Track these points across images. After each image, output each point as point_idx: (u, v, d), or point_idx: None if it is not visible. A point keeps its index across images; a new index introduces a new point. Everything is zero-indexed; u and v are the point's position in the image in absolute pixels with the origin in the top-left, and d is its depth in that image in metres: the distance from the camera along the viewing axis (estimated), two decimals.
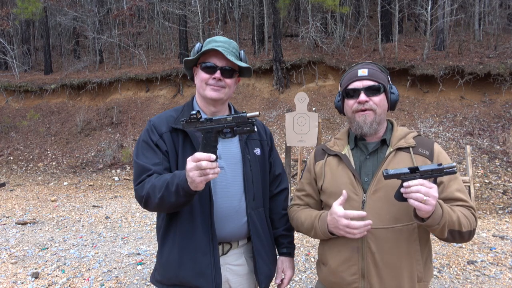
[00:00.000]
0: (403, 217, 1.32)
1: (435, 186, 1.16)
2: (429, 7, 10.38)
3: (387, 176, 1.19)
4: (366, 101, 1.38)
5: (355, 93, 1.40)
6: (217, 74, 1.48)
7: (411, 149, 1.38)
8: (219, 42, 1.50)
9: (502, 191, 6.43)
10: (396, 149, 1.39)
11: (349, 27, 13.73)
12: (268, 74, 11.61)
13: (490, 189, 6.57)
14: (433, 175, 1.17)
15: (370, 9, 14.55)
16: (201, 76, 1.51)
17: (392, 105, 1.46)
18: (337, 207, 1.32)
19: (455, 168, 1.17)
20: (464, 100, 9.32)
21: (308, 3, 12.13)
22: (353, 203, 1.36)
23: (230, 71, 1.51)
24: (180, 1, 13.77)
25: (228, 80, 1.51)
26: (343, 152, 1.46)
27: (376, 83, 1.39)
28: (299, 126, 5.40)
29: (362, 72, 1.41)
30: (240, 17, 15.82)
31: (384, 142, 1.43)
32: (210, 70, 1.48)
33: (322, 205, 1.55)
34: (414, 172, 1.18)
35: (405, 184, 1.16)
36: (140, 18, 18.27)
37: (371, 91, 1.39)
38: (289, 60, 11.26)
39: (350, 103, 1.43)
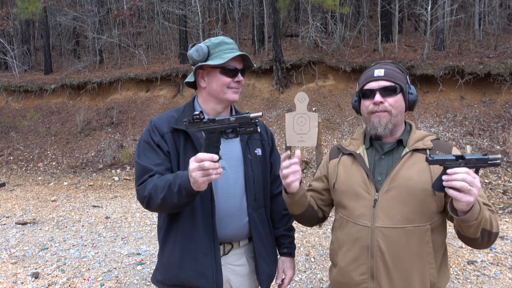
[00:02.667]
0: (415, 218, 1.29)
1: (478, 177, 1.11)
2: (429, 7, 10.38)
3: (432, 161, 1.14)
4: (381, 102, 1.36)
5: (371, 93, 1.39)
6: (240, 77, 1.51)
7: (427, 151, 1.36)
8: (231, 44, 1.52)
9: (502, 191, 6.43)
10: (412, 150, 1.37)
11: (349, 27, 13.73)
12: (268, 74, 11.61)
13: (490, 189, 6.57)
14: (477, 165, 1.12)
15: (370, 9, 14.54)
16: (222, 80, 1.49)
17: (410, 106, 1.43)
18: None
19: (499, 160, 1.11)
20: (464, 100, 9.32)
21: (308, 3, 12.13)
22: (365, 202, 1.36)
23: (243, 72, 1.56)
24: (180, 1, 13.76)
25: (243, 81, 1.54)
26: (358, 152, 1.45)
27: (392, 84, 1.37)
28: (299, 126, 5.40)
29: (379, 72, 1.39)
30: (240, 17, 15.81)
31: (400, 143, 1.41)
32: (232, 73, 1.49)
33: (334, 205, 1.54)
34: (459, 160, 1.12)
35: (449, 171, 1.10)
36: (140, 18, 18.26)
37: (387, 91, 1.37)
38: (289, 60, 11.26)
39: (366, 104, 1.42)
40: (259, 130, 1.27)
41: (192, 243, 1.45)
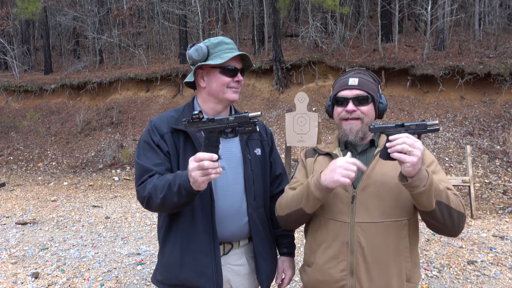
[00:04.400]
0: (392, 213, 1.34)
1: (419, 141, 1.18)
2: (429, 7, 10.39)
3: (374, 129, 1.24)
4: (354, 111, 1.42)
5: (344, 101, 1.45)
6: (239, 76, 1.52)
7: None
8: (231, 44, 1.53)
9: (502, 191, 6.43)
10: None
11: (349, 27, 13.74)
12: (268, 74, 11.61)
13: (490, 189, 6.57)
14: (417, 130, 1.21)
15: (370, 9, 14.54)
16: (221, 79, 1.50)
17: (379, 114, 1.50)
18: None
19: (438, 126, 1.21)
20: (464, 100, 9.32)
21: (308, 3, 12.13)
22: (343, 198, 1.39)
23: (243, 71, 1.56)
24: (180, 1, 13.76)
25: (243, 81, 1.55)
26: (334, 152, 1.50)
27: (365, 93, 1.43)
28: (299, 126, 5.40)
29: (353, 81, 1.45)
30: (240, 17, 15.82)
31: (373, 144, 1.48)
32: (232, 73, 1.50)
33: None
34: (400, 127, 1.22)
35: (391, 137, 1.18)
36: (140, 18, 18.26)
37: (360, 100, 1.43)
38: (289, 60, 11.26)
39: (338, 110, 1.48)
40: (258, 129, 1.27)
41: (192, 243, 1.45)
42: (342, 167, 1.24)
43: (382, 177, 1.36)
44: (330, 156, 1.49)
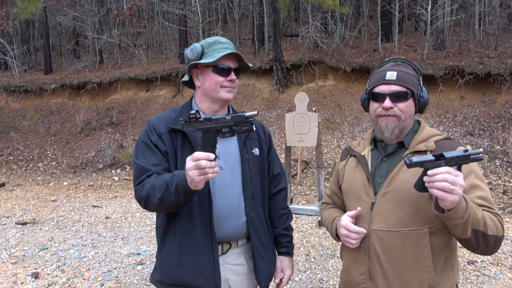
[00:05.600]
0: (411, 222, 1.28)
1: (461, 174, 1.07)
2: (429, 7, 10.38)
3: (410, 164, 1.10)
4: (391, 107, 1.33)
5: (381, 97, 1.35)
6: (233, 76, 1.51)
7: (428, 153, 1.31)
8: (226, 43, 1.52)
9: (502, 191, 6.43)
10: (412, 152, 1.34)
11: (349, 27, 13.73)
12: (268, 74, 11.61)
13: (490, 189, 6.57)
14: (459, 162, 1.08)
15: (370, 9, 14.54)
16: (215, 79, 1.50)
17: (420, 109, 1.40)
18: (344, 216, 1.39)
19: (482, 155, 1.07)
20: (464, 100, 9.32)
21: (308, 3, 12.13)
22: (363, 205, 1.37)
23: (239, 71, 1.56)
24: (180, 1, 13.76)
25: (237, 81, 1.54)
26: (362, 153, 1.45)
27: (404, 89, 1.33)
28: (299, 126, 5.40)
29: (391, 75, 1.34)
30: (240, 17, 15.82)
31: (402, 145, 1.38)
32: (225, 72, 1.50)
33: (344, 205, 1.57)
34: (439, 159, 1.08)
35: (429, 172, 1.07)
36: (140, 18, 18.26)
37: (398, 97, 1.32)
38: (289, 60, 11.26)
39: (374, 106, 1.38)
40: (254, 129, 1.28)
41: (190, 243, 1.45)
42: (344, 236, 1.38)
43: (403, 184, 1.28)
44: (357, 158, 1.46)
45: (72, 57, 17.10)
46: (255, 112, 1.27)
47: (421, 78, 1.41)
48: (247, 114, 1.27)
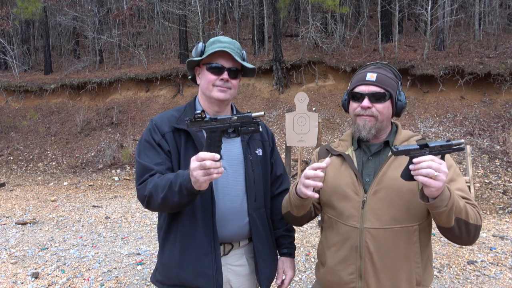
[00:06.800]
0: (403, 219, 1.31)
1: (444, 162, 1.13)
2: (429, 7, 10.38)
3: (397, 152, 1.17)
4: (369, 107, 1.37)
5: (360, 97, 1.39)
6: (225, 75, 1.48)
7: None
8: (225, 42, 1.50)
9: (502, 191, 6.43)
10: None
11: (349, 27, 13.73)
12: (268, 74, 11.61)
13: (490, 189, 6.57)
14: (442, 151, 1.16)
15: (370, 9, 14.54)
16: (207, 77, 1.50)
17: (397, 112, 1.43)
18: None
19: (463, 145, 1.15)
20: (464, 100, 9.32)
21: (308, 3, 12.12)
22: (354, 203, 1.37)
23: (236, 71, 1.52)
24: (180, 1, 13.76)
25: (233, 81, 1.51)
26: (346, 153, 1.46)
27: (382, 90, 1.37)
28: (299, 126, 5.40)
29: (371, 76, 1.38)
30: (240, 17, 15.81)
31: (387, 144, 1.42)
32: (217, 71, 1.48)
33: (322, 204, 1.53)
34: (424, 148, 1.15)
35: (415, 160, 1.12)
36: (140, 18, 18.25)
37: (376, 97, 1.37)
38: (289, 60, 11.26)
39: (353, 106, 1.43)
40: (261, 129, 1.26)
41: (192, 243, 1.44)
42: (306, 177, 1.23)
43: (394, 182, 1.32)
44: (343, 157, 1.46)
45: (72, 57, 17.09)
46: (262, 113, 1.26)
47: (400, 83, 1.46)
48: (253, 114, 1.25)
